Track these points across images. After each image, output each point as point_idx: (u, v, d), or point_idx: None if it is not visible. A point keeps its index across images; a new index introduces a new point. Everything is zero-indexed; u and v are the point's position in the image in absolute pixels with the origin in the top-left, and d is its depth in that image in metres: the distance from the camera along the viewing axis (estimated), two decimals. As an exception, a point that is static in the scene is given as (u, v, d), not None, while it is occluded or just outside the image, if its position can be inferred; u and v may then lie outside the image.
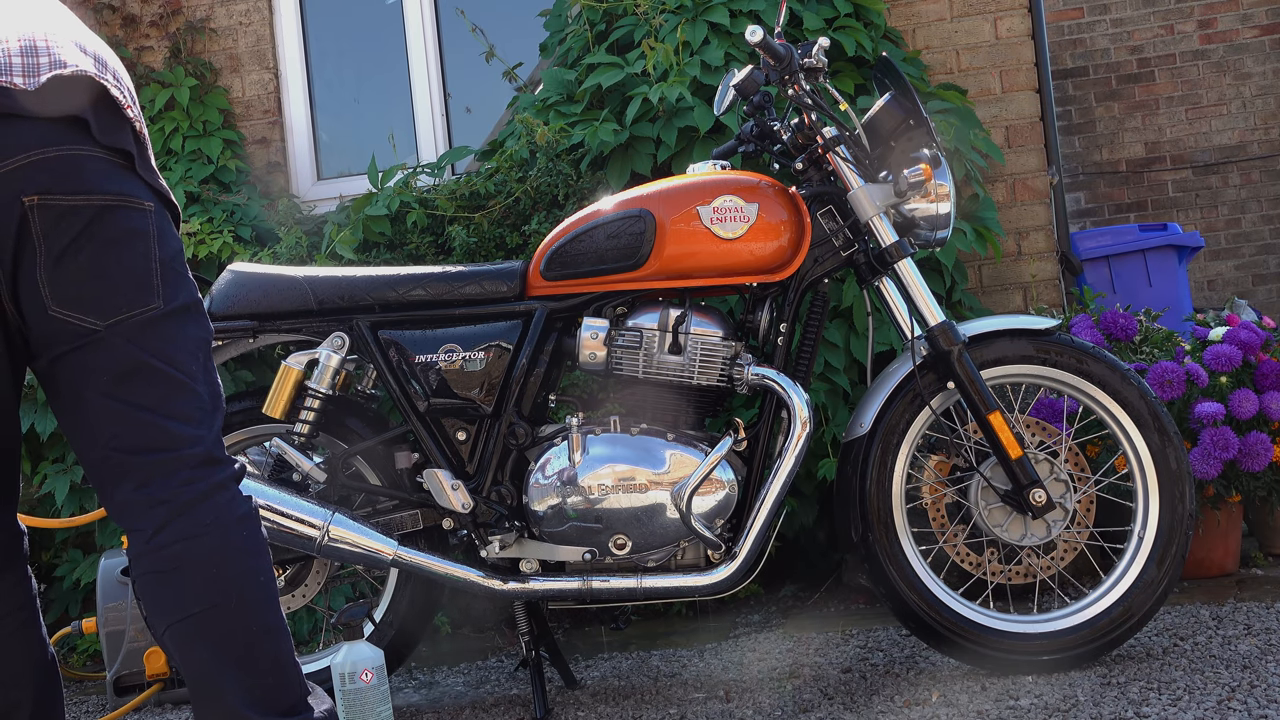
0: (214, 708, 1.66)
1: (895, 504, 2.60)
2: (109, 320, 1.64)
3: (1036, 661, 2.54)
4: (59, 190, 1.61)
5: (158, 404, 1.67)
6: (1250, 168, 7.02)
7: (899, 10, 3.92)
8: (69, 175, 1.62)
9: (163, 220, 1.73)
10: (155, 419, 1.66)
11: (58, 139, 1.61)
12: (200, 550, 1.66)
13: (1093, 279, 4.53)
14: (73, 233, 1.62)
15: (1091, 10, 7.18)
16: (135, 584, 1.71)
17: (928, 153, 2.57)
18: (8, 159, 1.58)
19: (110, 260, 1.65)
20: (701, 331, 2.57)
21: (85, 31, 1.79)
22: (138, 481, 1.66)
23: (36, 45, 1.63)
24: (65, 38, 1.70)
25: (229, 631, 1.67)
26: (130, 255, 1.66)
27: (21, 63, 1.60)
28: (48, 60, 1.63)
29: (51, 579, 3.97)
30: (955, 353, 2.55)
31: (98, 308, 1.64)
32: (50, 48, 1.65)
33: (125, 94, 1.74)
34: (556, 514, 2.55)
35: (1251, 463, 3.08)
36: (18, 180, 1.59)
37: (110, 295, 1.64)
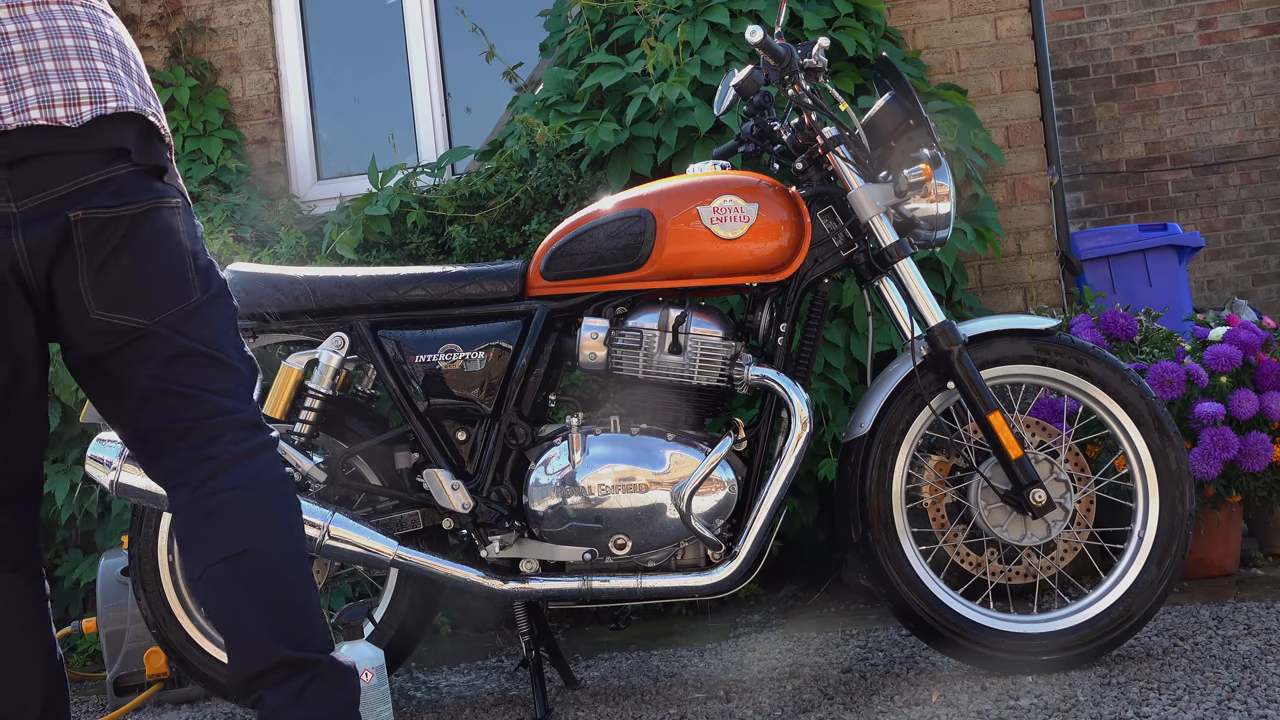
0: (245, 641, 1.76)
1: (895, 504, 2.60)
2: (155, 318, 1.77)
3: (1036, 661, 2.54)
4: (100, 205, 1.71)
5: (205, 382, 1.80)
6: (1250, 168, 7.02)
7: (899, 10, 3.92)
8: (110, 193, 1.73)
9: (188, 214, 1.86)
10: (203, 394, 1.80)
11: (99, 165, 1.72)
12: (242, 501, 1.79)
13: (1093, 279, 4.53)
14: (114, 241, 1.73)
15: (1091, 10, 7.18)
16: (178, 533, 1.82)
17: (928, 153, 2.57)
18: (53, 188, 1.68)
19: (150, 262, 1.77)
20: (701, 331, 2.57)
21: (122, 43, 1.84)
22: (190, 442, 1.80)
23: (77, 85, 1.71)
24: (106, 64, 1.76)
25: (263, 573, 1.78)
26: (167, 254, 1.79)
27: (63, 98, 1.69)
28: (87, 93, 1.71)
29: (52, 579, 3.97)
30: (955, 353, 2.55)
31: (143, 307, 1.76)
32: (93, 82, 1.72)
33: (159, 114, 1.84)
34: (556, 514, 2.55)
35: (1251, 463, 3.08)
36: (62, 203, 1.69)
37: (153, 295, 1.77)
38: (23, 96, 1.65)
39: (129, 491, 2.62)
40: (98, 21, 1.78)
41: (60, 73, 1.69)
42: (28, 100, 1.65)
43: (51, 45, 1.71)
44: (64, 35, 1.72)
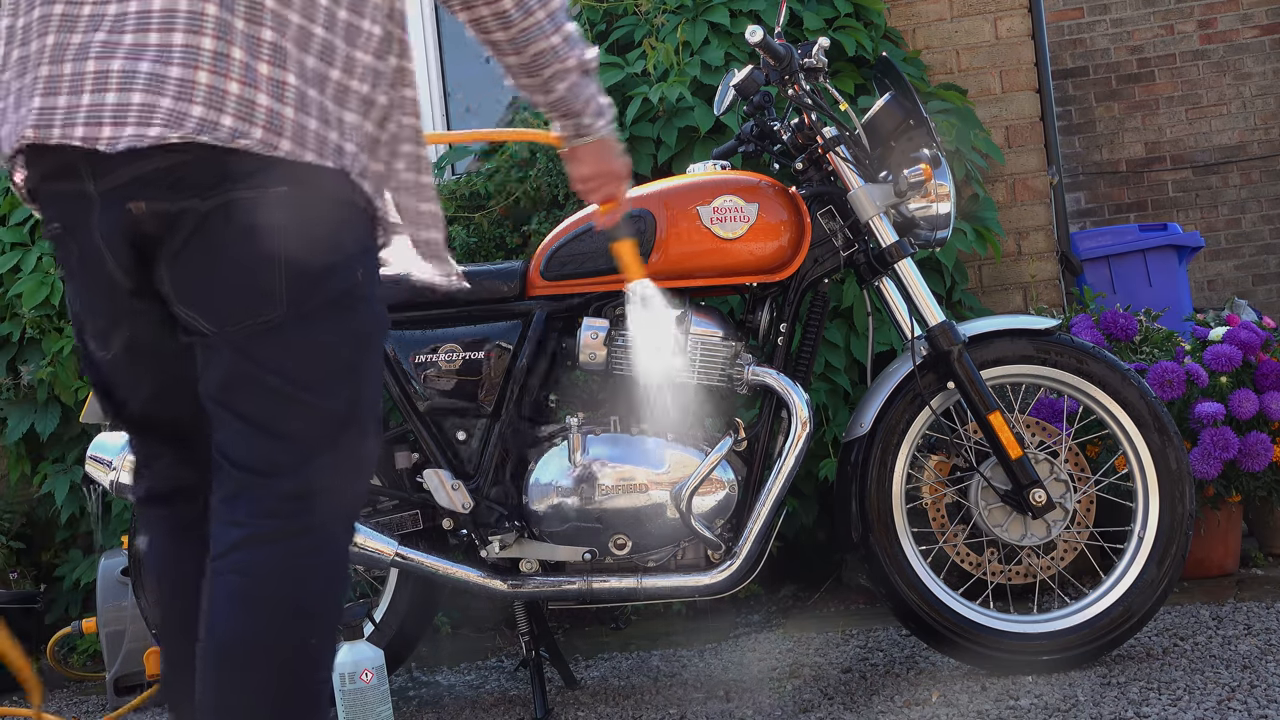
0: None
1: (895, 504, 2.60)
2: (223, 328, 1.51)
3: (1036, 661, 2.54)
4: (157, 197, 1.48)
5: (263, 419, 1.52)
6: (1250, 168, 7.02)
7: (899, 10, 3.92)
8: (169, 185, 1.48)
9: (296, 206, 1.50)
10: (253, 436, 1.52)
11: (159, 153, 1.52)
12: (254, 591, 1.49)
13: (1093, 279, 4.53)
14: (182, 236, 1.49)
15: (1091, 10, 7.18)
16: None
17: (928, 153, 2.57)
18: (118, 174, 1.48)
19: (218, 264, 1.50)
20: (701, 331, 2.57)
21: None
22: (226, 492, 1.53)
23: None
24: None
25: (249, 677, 1.48)
26: (242, 256, 1.49)
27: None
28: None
29: (51, 579, 3.97)
30: (955, 353, 2.55)
31: (211, 313, 1.51)
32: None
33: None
34: (556, 514, 2.55)
35: (1251, 463, 3.08)
36: (123, 191, 1.49)
37: (221, 302, 1.51)
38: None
39: (129, 491, 2.62)
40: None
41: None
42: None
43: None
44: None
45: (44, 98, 1.46)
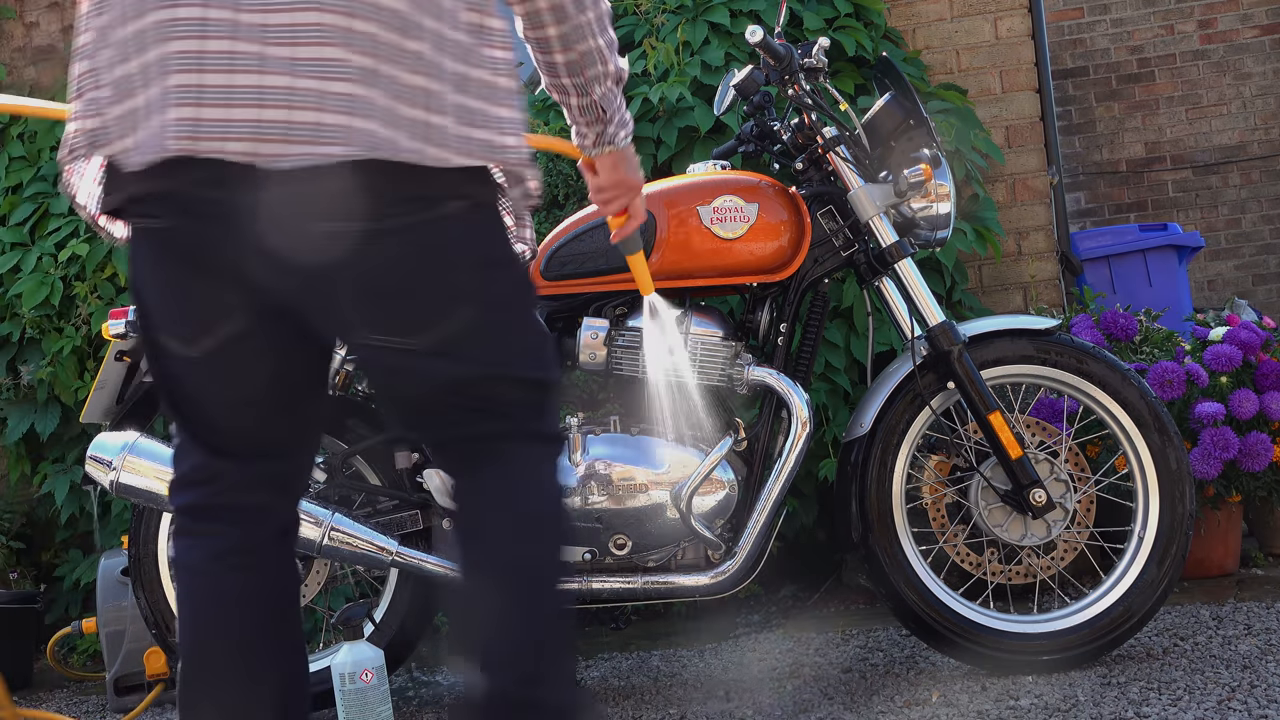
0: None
1: (895, 504, 2.60)
2: (421, 340, 1.54)
3: (1036, 661, 2.54)
4: (340, 216, 1.47)
5: (484, 404, 1.62)
6: (1250, 168, 7.02)
7: (899, 10, 3.92)
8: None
9: (474, 215, 1.56)
10: (485, 417, 1.62)
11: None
12: (544, 517, 1.63)
13: (1093, 279, 4.53)
14: (366, 254, 1.49)
15: (1091, 10, 7.18)
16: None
17: (928, 153, 2.57)
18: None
19: (409, 280, 1.53)
20: (701, 331, 2.57)
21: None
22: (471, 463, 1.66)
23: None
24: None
25: (550, 594, 1.60)
26: (434, 271, 1.54)
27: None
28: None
29: (51, 579, 3.97)
30: (955, 353, 2.55)
31: (408, 330, 1.54)
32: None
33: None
34: (556, 514, 2.54)
35: (1251, 463, 3.08)
36: (293, 206, 1.47)
37: (416, 315, 1.54)
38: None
39: (129, 491, 2.62)
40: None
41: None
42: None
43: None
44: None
45: (189, 108, 1.40)
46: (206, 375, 1.58)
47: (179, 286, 1.54)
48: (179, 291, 1.55)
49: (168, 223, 1.50)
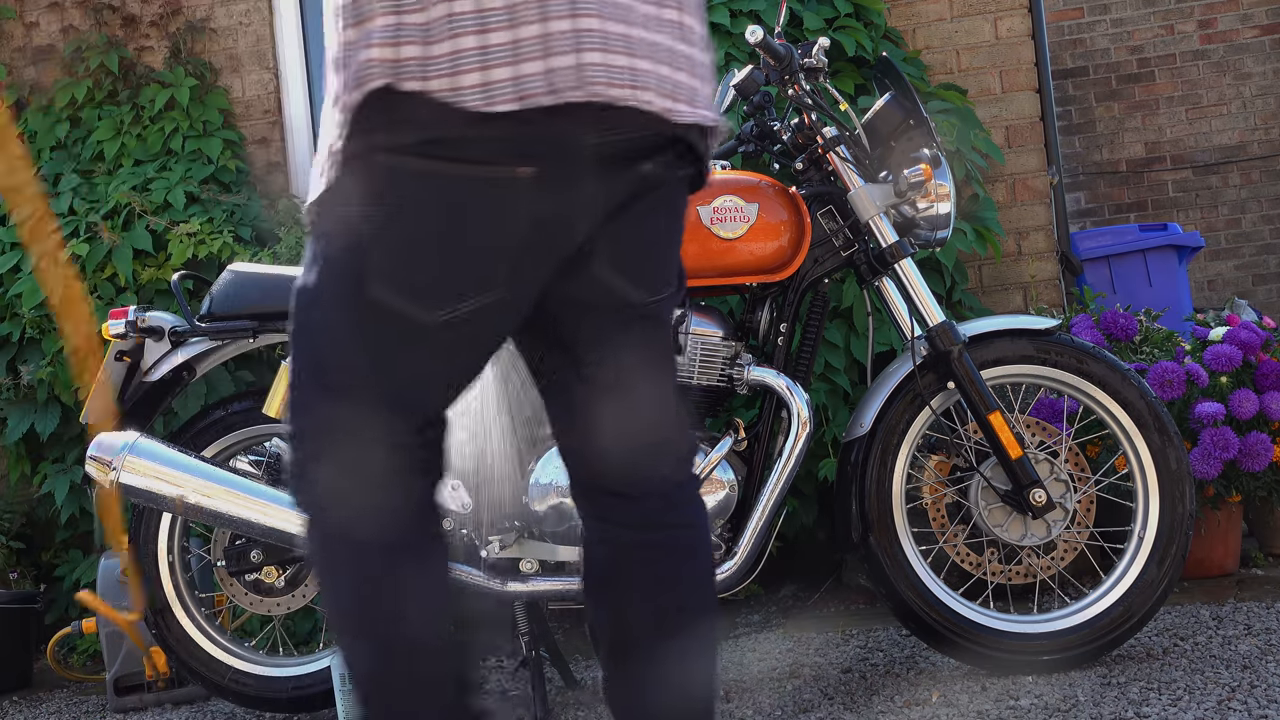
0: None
1: (895, 504, 2.60)
2: (647, 298, 1.56)
3: (1036, 661, 2.54)
4: (661, 165, 1.52)
5: (664, 389, 1.65)
6: (1250, 168, 7.02)
7: (899, 10, 3.92)
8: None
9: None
10: (660, 404, 1.63)
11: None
12: (702, 535, 1.65)
13: (1093, 279, 4.53)
14: (652, 200, 1.53)
15: (1091, 10, 7.18)
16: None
17: (928, 153, 2.57)
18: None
19: (665, 233, 1.59)
20: (701, 331, 2.57)
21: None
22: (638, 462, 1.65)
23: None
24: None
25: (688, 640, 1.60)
26: (676, 230, 1.61)
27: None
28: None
29: (51, 579, 3.97)
30: (955, 353, 2.55)
31: (646, 282, 1.56)
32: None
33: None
34: (556, 514, 2.55)
35: (1251, 463, 3.08)
36: (633, 154, 1.47)
37: (656, 270, 1.58)
38: None
39: (129, 491, 2.62)
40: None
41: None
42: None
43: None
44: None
45: (601, 54, 1.37)
46: (450, 342, 1.47)
47: (466, 242, 1.41)
48: (464, 249, 1.41)
49: (509, 170, 1.38)
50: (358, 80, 1.36)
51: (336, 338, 1.48)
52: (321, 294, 1.48)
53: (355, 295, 1.44)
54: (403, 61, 1.34)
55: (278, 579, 2.76)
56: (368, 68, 1.35)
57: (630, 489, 1.61)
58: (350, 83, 1.37)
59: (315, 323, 1.50)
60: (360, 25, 1.36)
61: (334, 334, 1.48)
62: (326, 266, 1.47)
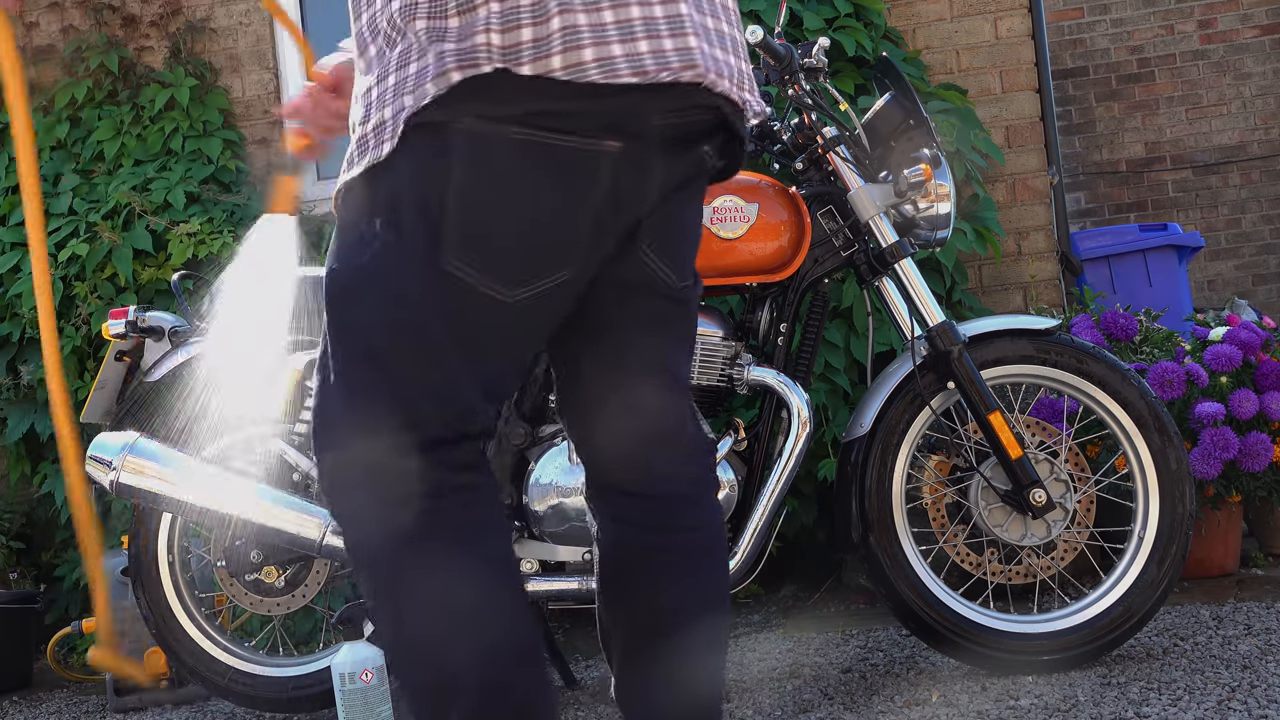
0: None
1: (895, 504, 2.60)
2: (681, 283, 1.63)
3: (1036, 661, 2.54)
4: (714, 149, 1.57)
5: (684, 378, 1.70)
6: (1250, 168, 7.02)
7: (899, 10, 3.92)
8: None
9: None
10: (680, 394, 1.67)
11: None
12: (719, 534, 1.68)
13: (1093, 279, 4.53)
14: (694, 186, 1.61)
15: (1091, 10, 7.18)
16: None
17: (928, 153, 2.57)
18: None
19: (696, 219, 1.68)
20: (702, 331, 2.57)
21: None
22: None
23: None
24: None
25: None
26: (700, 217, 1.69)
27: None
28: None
29: (51, 579, 3.97)
30: (955, 353, 2.55)
31: (681, 267, 1.63)
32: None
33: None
34: (556, 514, 2.55)
35: (1251, 463, 3.08)
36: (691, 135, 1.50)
37: (688, 255, 1.66)
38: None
39: (129, 491, 2.62)
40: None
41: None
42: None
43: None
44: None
45: (695, 39, 1.42)
46: (521, 326, 1.44)
47: (554, 214, 1.40)
48: (551, 221, 1.40)
49: (598, 143, 1.39)
50: (460, 64, 1.34)
51: (401, 320, 1.38)
52: (380, 273, 1.39)
53: (428, 272, 1.37)
54: (520, 45, 1.34)
55: (278, 579, 2.76)
56: (474, 53, 1.34)
57: (645, 488, 1.59)
58: (441, 67, 1.34)
59: (373, 305, 1.39)
60: (463, 14, 1.35)
61: (399, 315, 1.38)
62: (386, 243, 1.38)
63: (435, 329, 1.39)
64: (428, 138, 1.36)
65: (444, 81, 1.34)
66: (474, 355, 1.41)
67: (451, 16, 1.35)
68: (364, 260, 1.40)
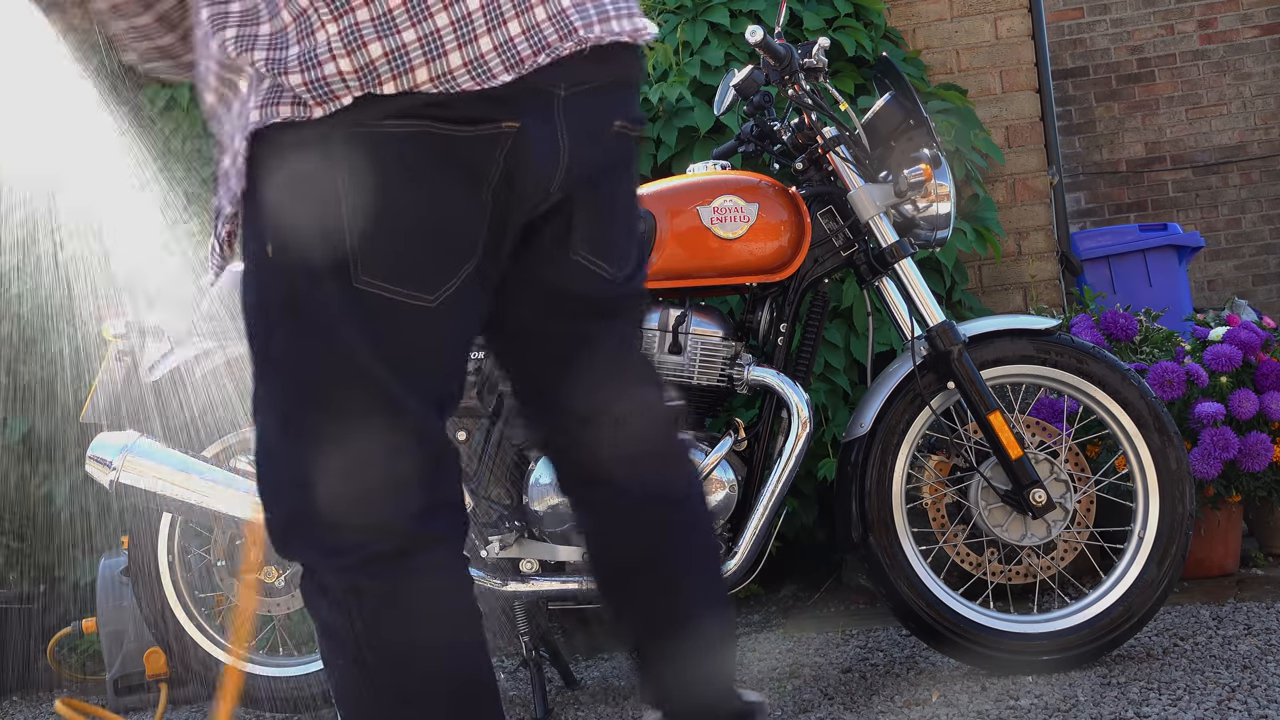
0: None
1: (895, 504, 2.60)
2: (616, 277, 1.53)
3: (1036, 661, 2.54)
4: (633, 120, 1.50)
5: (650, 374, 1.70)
6: (1250, 168, 7.02)
7: (899, 10, 3.91)
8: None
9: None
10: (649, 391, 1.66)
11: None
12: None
13: (1093, 279, 4.53)
14: (620, 166, 1.54)
15: (1091, 10, 7.18)
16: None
17: (928, 153, 2.57)
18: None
19: (631, 203, 1.61)
20: (701, 331, 2.57)
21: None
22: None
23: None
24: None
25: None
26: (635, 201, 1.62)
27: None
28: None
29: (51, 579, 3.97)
30: (955, 353, 2.54)
31: (616, 259, 1.54)
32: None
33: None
34: (556, 514, 2.55)
35: (1251, 463, 3.07)
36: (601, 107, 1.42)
37: (624, 246, 1.58)
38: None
39: (129, 491, 2.62)
40: None
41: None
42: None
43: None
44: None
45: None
46: (435, 323, 1.35)
47: (458, 205, 1.31)
48: (456, 213, 1.31)
49: (496, 126, 1.29)
50: (320, 97, 1.23)
51: (333, 343, 1.30)
52: (293, 298, 1.30)
53: (342, 290, 1.28)
54: (372, 64, 1.23)
55: (278, 579, 2.76)
56: (330, 83, 1.23)
57: (624, 494, 1.57)
58: (309, 97, 1.23)
59: (296, 333, 1.31)
60: (303, 40, 1.23)
61: (328, 340, 1.30)
62: (289, 268, 1.29)
63: (363, 354, 1.30)
64: (302, 155, 1.26)
65: (302, 112, 1.24)
66: (410, 373, 1.34)
67: (291, 44, 1.24)
68: (265, 288, 1.33)
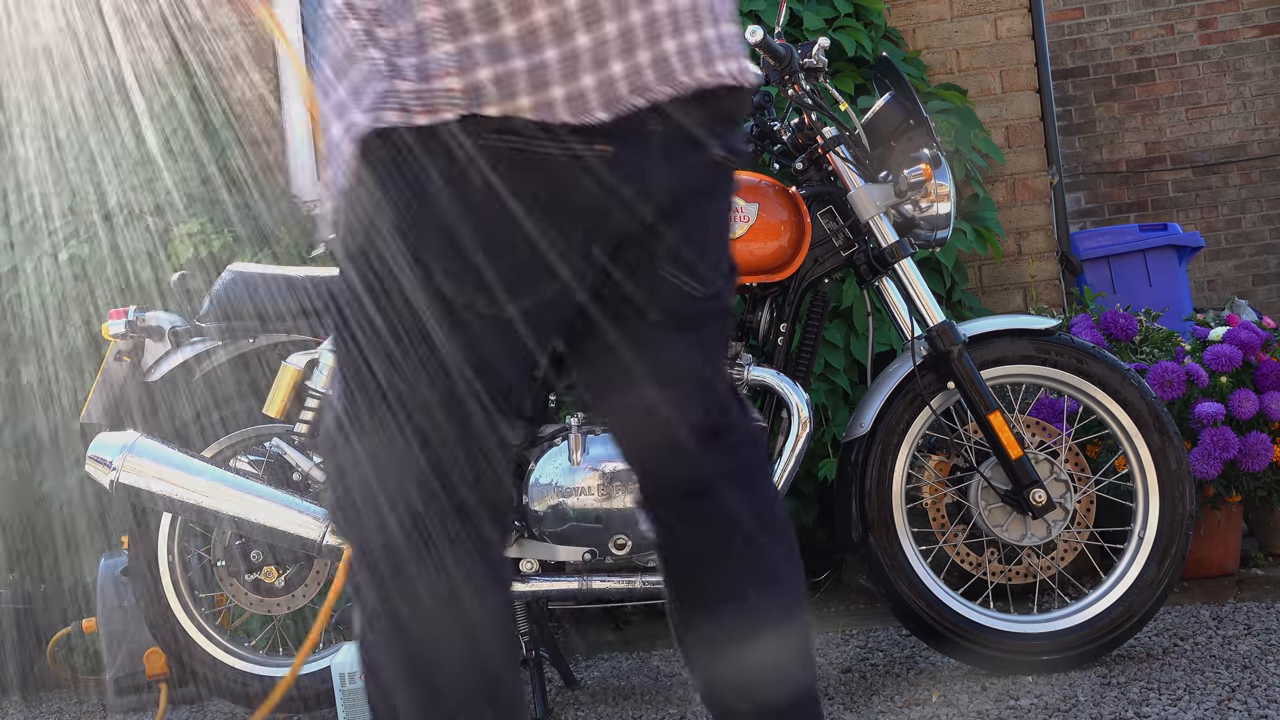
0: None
1: (895, 504, 2.60)
2: (707, 292, 1.55)
3: (1036, 661, 2.54)
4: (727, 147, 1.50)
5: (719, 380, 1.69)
6: (1250, 168, 7.02)
7: (899, 10, 3.92)
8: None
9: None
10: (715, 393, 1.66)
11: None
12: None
13: (1093, 279, 4.53)
14: (717, 185, 1.54)
15: (1091, 10, 7.18)
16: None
17: (928, 153, 2.57)
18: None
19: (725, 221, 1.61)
20: (701, 331, 2.57)
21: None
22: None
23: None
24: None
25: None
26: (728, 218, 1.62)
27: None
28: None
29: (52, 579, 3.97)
30: (955, 353, 2.55)
31: (705, 275, 1.55)
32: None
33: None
34: (556, 514, 2.55)
35: (1251, 463, 3.07)
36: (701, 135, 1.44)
37: (716, 262, 1.57)
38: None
39: (129, 491, 2.62)
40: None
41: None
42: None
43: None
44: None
45: (675, 39, 1.36)
46: (511, 334, 1.41)
47: (546, 222, 1.34)
48: (544, 229, 1.35)
49: (588, 148, 1.32)
50: (427, 108, 1.28)
51: (407, 339, 1.35)
52: (376, 295, 1.37)
53: (424, 293, 1.33)
54: (480, 87, 1.27)
55: (278, 579, 2.76)
56: (437, 97, 1.27)
57: (687, 485, 1.64)
58: (417, 106, 1.28)
59: (374, 328, 1.37)
60: (421, 52, 1.28)
61: (403, 336, 1.35)
62: (375, 265, 1.36)
63: (437, 355, 1.35)
64: (399, 155, 1.30)
65: (406, 119, 1.29)
66: (480, 379, 1.39)
67: (409, 54, 1.28)
68: (359, 283, 1.39)
